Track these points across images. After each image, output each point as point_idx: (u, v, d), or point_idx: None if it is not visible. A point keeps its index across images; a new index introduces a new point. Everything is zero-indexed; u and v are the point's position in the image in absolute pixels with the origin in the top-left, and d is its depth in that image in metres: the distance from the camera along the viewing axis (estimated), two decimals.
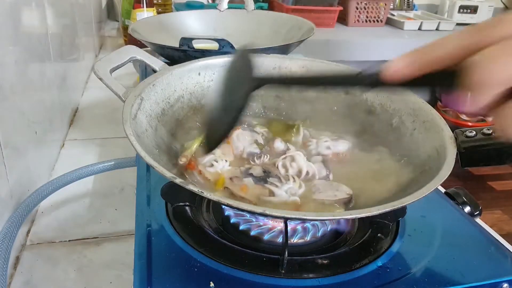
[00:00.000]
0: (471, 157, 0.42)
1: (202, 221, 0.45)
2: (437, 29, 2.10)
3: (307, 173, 0.45)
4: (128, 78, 1.04)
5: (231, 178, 0.44)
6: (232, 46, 0.72)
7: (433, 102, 2.56)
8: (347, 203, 0.42)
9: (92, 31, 1.23)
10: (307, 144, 0.51)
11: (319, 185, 0.44)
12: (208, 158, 0.46)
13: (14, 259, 0.51)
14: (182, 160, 0.46)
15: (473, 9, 2.25)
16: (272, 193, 0.42)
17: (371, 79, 0.32)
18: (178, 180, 0.34)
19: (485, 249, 0.43)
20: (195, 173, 0.45)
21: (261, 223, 0.43)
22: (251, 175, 0.44)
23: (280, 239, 0.42)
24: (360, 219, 0.46)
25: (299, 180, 0.44)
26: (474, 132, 0.42)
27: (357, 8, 2.04)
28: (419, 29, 2.08)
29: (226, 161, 0.46)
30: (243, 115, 0.40)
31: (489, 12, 2.28)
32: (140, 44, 0.71)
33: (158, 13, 1.30)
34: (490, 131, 0.41)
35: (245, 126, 0.52)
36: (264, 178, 0.44)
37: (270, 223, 0.43)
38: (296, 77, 0.45)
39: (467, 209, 0.50)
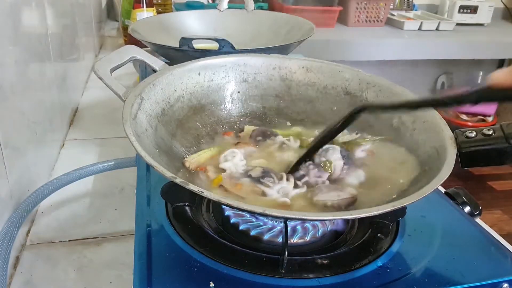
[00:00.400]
0: (471, 158, 0.42)
1: (202, 221, 0.45)
2: (437, 29, 2.09)
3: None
4: (128, 78, 1.04)
5: (231, 178, 0.44)
6: (232, 46, 0.72)
7: None
8: (351, 204, 0.42)
9: (92, 31, 1.23)
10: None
11: (323, 186, 0.44)
12: (228, 152, 0.47)
13: (14, 259, 0.51)
14: (188, 165, 0.47)
15: (473, 9, 2.25)
16: (264, 193, 0.43)
17: (479, 93, 0.35)
18: (178, 180, 0.34)
19: (485, 249, 0.43)
20: (200, 172, 0.46)
21: (261, 223, 0.43)
22: (249, 176, 0.44)
23: (280, 239, 0.42)
24: (360, 219, 0.46)
25: (293, 179, 0.44)
26: (474, 133, 0.42)
27: (357, 8, 2.04)
28: (419, 29, 2.08)
29: (242, 159, 0.47)
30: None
31: (489, 12, 2.27)
32: (140, 44, 0.71)
33: (158, 13, 1.30)
34: (490, 132, 0.41)
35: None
36: (259, 178, 0.44)
37: (270, 223, 0.43)
38: (400, 103, 0.47)
39: (467, 209, 0.50)
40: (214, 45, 0.73)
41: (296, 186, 0.44)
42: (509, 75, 0.33)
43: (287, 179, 0.44)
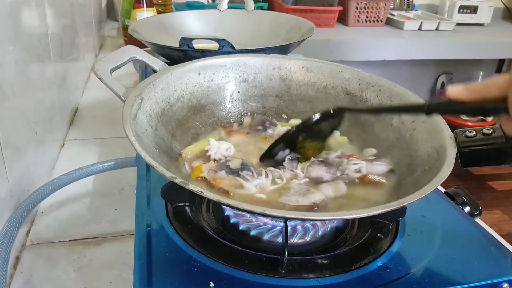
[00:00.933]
0: (471, 157, 0.42)
1: (202, 221, 0.45)
2: (437, 29, 2.09)
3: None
4: (128, 78, 1.04)
5: (209, 170, 0.45)
6: (232, 46, 0.72)
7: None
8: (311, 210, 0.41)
9: (92, 31, 1.23)
10: (339, 160, 0.48)
11: (293, 187, 0.43)
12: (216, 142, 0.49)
13: (14, 259, 0.51)
14: (184, 156, 0.47)
15: (473, 9, 2.25)
16: (242, 186, 0.43)
17: (440, 106, 0.39)
18: (178, 180, 0.34)
19: (485, 249, 0.43)
20: (186, 163, 0.46)
21: (261, 223, 0.43)
22: (227, 166, 0.45)
23: (280, 239, 0.42)
24: (360, 219, 0.46)
25: (271, 175, 0.44)
26: (474, 132, 0.42)
27: (357, 8, 2.04)
28: (419, 29, 2.08)
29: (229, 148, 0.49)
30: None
31: (489, 12, 2.27)
32: (140, 44, 0.71)
33: (158, 13, 1.30)
34: (490, 131, 0.41)
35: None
36: (237, 171, 0.44)
37: (270, 222, 0.43)
38: (372, 107, 0.53)
39: (467, 209, 0.50)
40: (214, 45, 0.73)
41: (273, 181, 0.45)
42: (466, 90, 0.36)
43: (266, 175, 0.44)
